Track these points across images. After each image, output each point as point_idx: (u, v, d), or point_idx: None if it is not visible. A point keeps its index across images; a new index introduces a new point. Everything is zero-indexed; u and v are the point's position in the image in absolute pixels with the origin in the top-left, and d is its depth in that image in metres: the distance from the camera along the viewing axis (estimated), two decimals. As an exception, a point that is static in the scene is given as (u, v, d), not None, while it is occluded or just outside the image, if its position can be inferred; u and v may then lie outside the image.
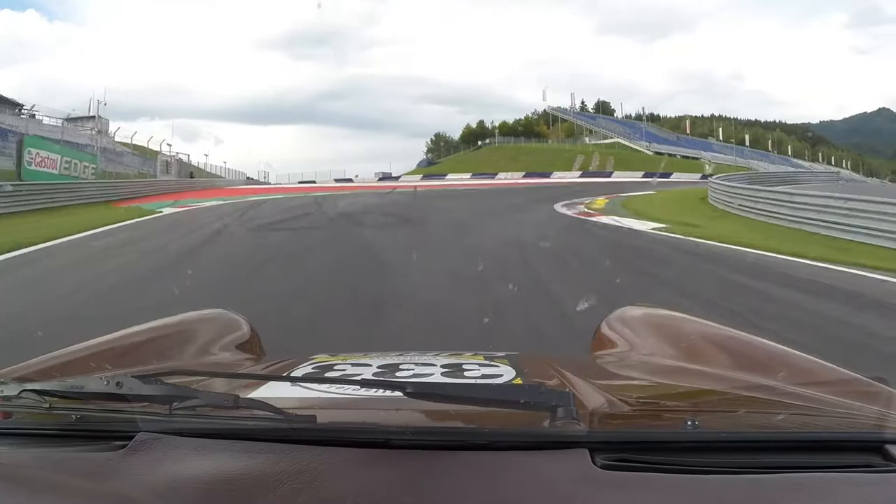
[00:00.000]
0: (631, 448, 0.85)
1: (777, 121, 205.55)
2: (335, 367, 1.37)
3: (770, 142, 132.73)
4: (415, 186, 39.00)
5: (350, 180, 62.96)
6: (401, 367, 1.35)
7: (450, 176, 67.31)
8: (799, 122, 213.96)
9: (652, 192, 28.33)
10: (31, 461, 0.90)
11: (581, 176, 61.25)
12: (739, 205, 18.58)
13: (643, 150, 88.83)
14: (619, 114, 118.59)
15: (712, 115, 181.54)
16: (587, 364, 1.63)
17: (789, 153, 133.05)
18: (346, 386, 1.14)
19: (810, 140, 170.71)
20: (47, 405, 0.94)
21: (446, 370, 1.33)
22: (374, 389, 1.06)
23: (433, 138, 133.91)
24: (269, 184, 60.98)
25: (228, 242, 12.86)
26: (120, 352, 1.52)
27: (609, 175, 60.23)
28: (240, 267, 9.66)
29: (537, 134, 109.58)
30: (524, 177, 60.84)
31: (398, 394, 0.92)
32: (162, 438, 0.89)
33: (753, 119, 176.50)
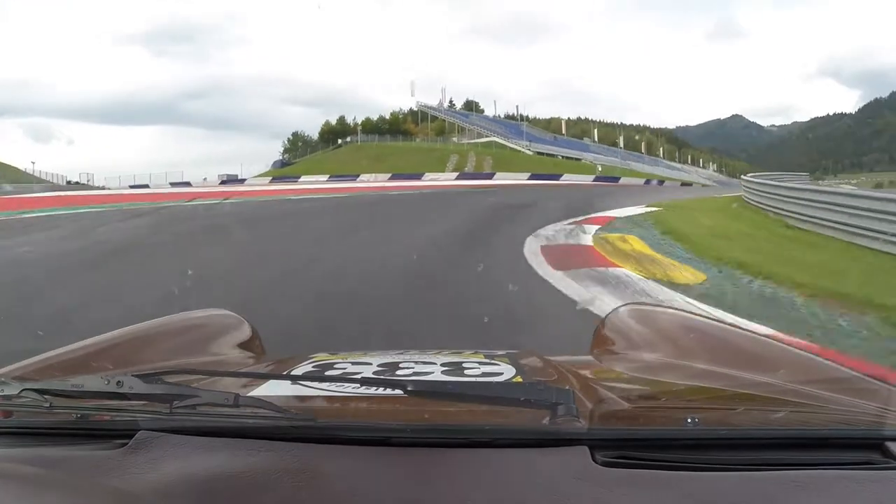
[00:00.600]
0: (631, 445, 0.86)
1: (640, 124, 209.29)
2: (335, 366, 1.37)
3: (643, 144, 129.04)
4: (226, 195, 26.71)
5: (189, 184, 56.02)
6: (401, 365, 1.36)
7: (304, 178, 60.54)
8: (656, 126, 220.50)
9: (658, 207, 18.61)
10: (31, 460, 0.90)
11: (458, 178, 54.31)
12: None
13: (523, 149, 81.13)
14: (490, 114, 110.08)
15: (579, 118, 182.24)
16: (587, 362, 1.61)
17: (661, 155, 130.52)
18: (347, 384, 1.13)
19: (676, 143, 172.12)
20: (48, 404, 0.94)
21: (446, 368, 1.33)
22: (375, 388, 1.05)
23: (290, 138, 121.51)
24: (96, 189, 53.79)
25: None
26: (120, 350, 1.53)
27: (490, 177, 52.23)
28: None
29: (404, 132, 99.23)
30: (390, 179, 53.50)
31: (398, 392, 0.92)
32: (162, 437, 0.90)
33: (618, 122, 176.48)
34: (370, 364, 1.37)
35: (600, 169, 63.75)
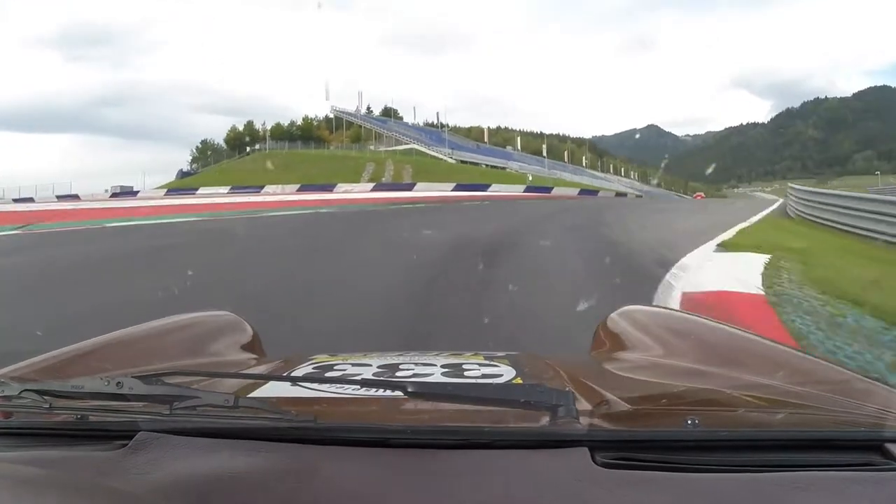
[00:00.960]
0: (631, 447, 0.87)
1: (559, 133, 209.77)
2: (335, 367, 1.39)
3: (565, 153, 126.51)
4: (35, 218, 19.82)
5: (77, 197, 51.16)
6: (401, 366, 1.37)
7: (203, 190, 54.83)
8: (574, 136, 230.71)
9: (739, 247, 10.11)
10: (31, 461, 0.90)
11: (374, 189, 48.43)
12: None
13: (445, 157, 75.63)
14: (410, 122, 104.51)
15: (499, 127, 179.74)
16: (587, 363, 1.66)
17: (584, 164, 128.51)
18: (347, 385, 1.15)
19: (596, 152, 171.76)
20: (48, 405, 0.95)
21: (446, 370, 1.34)
22: (375, 389, 1.07)
23: (199, 146, 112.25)
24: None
25: None
26: (120, 352, 1.55)
27: (410, 188, 46.00)
28: None
29: (318, 139, 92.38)
30: (298, 191, 47.95)
31: (398, 393, 0.94)
32: (162, 438, 0.90)
33: (539, 132, 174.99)
34: (370, 365, 1.39)
35: (531, 179, 59.07)
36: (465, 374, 1.32)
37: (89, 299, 6.68)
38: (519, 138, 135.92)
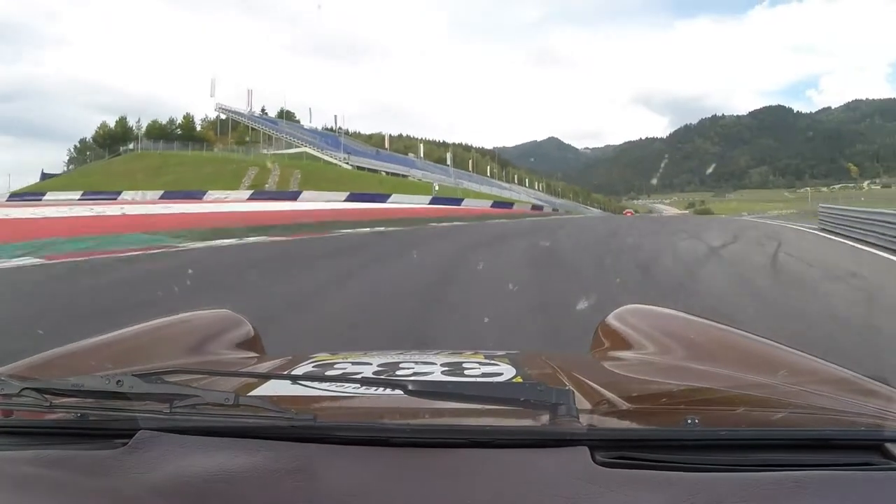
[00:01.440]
0: (631, 446, 0.88)
1: (462, 143, 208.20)
2: (335, 366, 1.41)
3: (470, 162, 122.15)
4: None
5: None
6: (401, 365, 1.39)
7: (50, 196, 48.49)
8: (476, 146, 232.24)
9: None
10: (31, 459, 0.91)
11: (251, 198, 41.29)
12: None
13: (340, 163, 68.79)
14: (308, 126, 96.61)
15: (401, 135, 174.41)
16: (587, 363, 1.67)
17: (489, 174, 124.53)
18: (347, 384, 1.16)
19: (500, 163, 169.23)
20: (48, 403, 0.95)
21: (446, 369, 1.36)
22: (375, 388, 1.08)
23: (77, 145, 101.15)
24: None
25: None
26: (120, 350, 1.57)
27: (295, 196, 38.55)
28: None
29: (201, 140, 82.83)
30: (161, 199, 41.84)
31: (398, 392, 0.94)
32: (162, 436, 0.91)
33: (441, 141, 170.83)
34: (370, 364, 1.40)
35: (437, 188, 52.75)
36: (466, 372, 1.33)
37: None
38: (422, 145, 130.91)
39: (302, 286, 8.52)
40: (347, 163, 74.33)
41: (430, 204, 43.45)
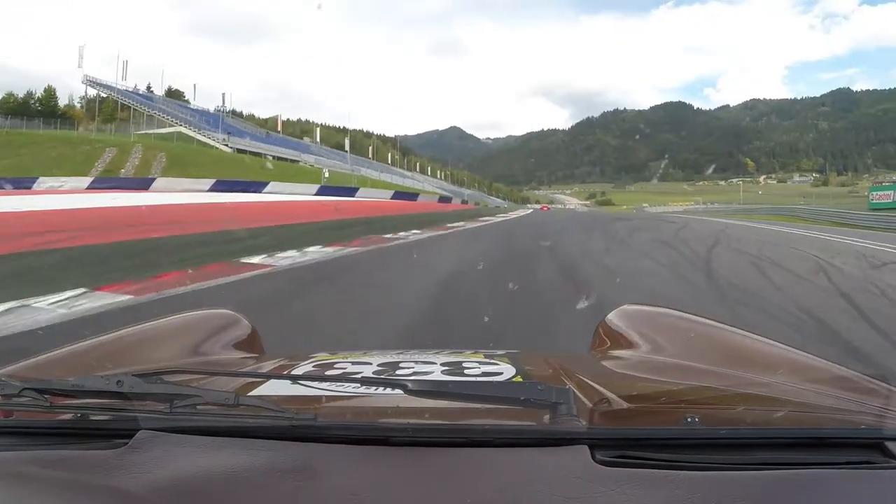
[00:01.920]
0: (630, 445, 0.88)
1: (363, 129, 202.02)
2: (335, 366, 1.40)
3: (370, 149, 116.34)
4: None
5: None
6: (401, 365, 1.39)
7: None
8: (376, 133, 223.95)
9: None
10: (31, 459, 0.92)
11: (91, 186, 33.48)
12: None
13: (217, 144, 59.37)
14: (199, 106, 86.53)
15: (300, 119, 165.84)
16: (587, 362, 1.67)
17: (390, 161, 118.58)
18: (347, 384, 1.16)
19: (401, 150, 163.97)
20: (48, 403, 0.96)
21: (446, 368, 1.35)
22: (375, 387, 1.08)
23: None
24: None
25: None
26: (120, 350, 1.56)
27: (147, 185, 29.93)
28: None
29: (67, 117, 71.79)
30: None
31: (398, 391, 0.95)
32: (162, 436, 0.92)
33: (341, 127, 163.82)
34: (370, 363, 1.40)
35: (327, 176, 45.68)
36: (466, 372, 1.33)
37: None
38: (318, 129, 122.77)
39: None
40: (226, 144, 65.61)
41: (316, 195, 34.90)
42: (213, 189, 32.42)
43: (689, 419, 0.88)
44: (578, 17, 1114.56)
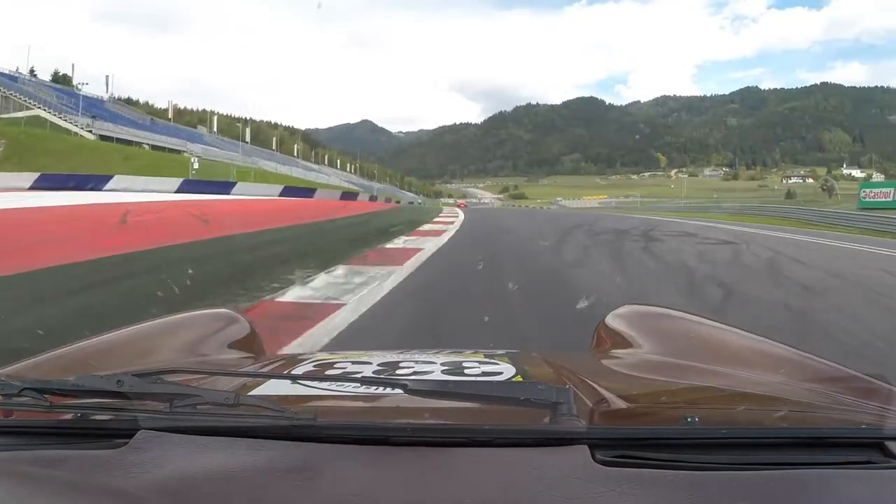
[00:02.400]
0: (630, 444, 0.88)
1: (269, 121, 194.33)
2: (335, 365, 1.40)
3: (275, 140, 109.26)
4: None
5: None
6: (401, 364, 1.39)
7: None
8: (286, 125, 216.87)
9: None
10: (31, 459, 0.92)
11: None
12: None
13: (78, 129, 50.22)
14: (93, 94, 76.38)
15: (200, 109, 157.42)
16: (587, 362, 1.67)
17: (296, 154, 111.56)
18: (347, 383, 1.16)
19: (309, 143, 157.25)
20: (48, 403, 0.96)
21: (446, 368, 1.35)
22: (375, 387, 1.08)
23: None
24: None
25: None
26: (120, 350, 1.56)
27: None
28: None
29: None
30: None
31: (398, 391, 0.95)
32: (162, 436, 0.92)
33: (248, 118, 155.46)
34: (370, 363, 1.40)
35: (196, 167, 37.45)
36: (466, 371, 1.33)
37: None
38: (216, 118, 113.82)
39: None
40: (90, 131, 56.94)
41: (177, 192, 27.39)
42: (34, 186, 24.82)
43: (688, 419, 0.89)
44: (493, 13, 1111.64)
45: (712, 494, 0.77)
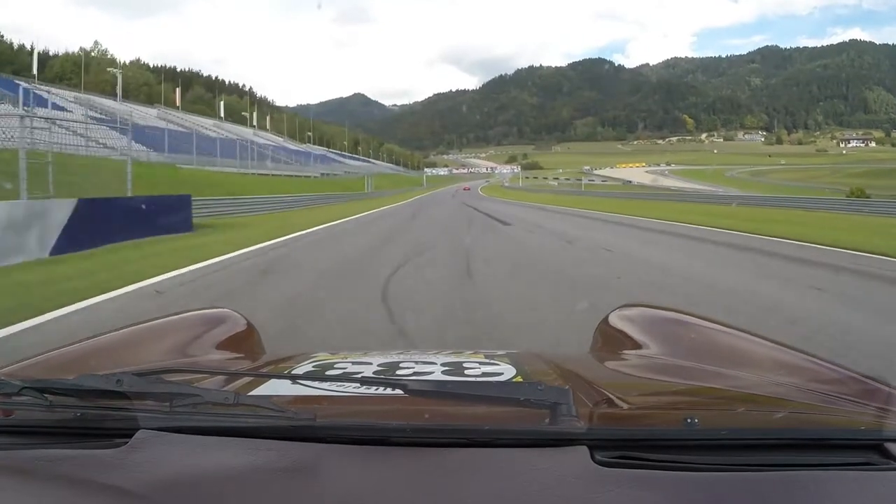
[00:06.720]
0: (630, 445, 0.89)
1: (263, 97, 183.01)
2: (335, 366, 1.43)
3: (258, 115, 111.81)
4: None
5: None
6: (401, 365, 1.42)
7: None
8: (277, 104, 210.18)
9: None
10: (31, 458, 0.93)
11: None
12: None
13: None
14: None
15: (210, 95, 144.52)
16: (587, 362, 1.70)
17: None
18: (347, 384, 1.17)
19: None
20: (48, 402, 0.97)
21: (446, 368, 1.39)
22: (375, 387, 1.10)
23: None
24: None
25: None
26: (120, 349, 1.61)
27: None
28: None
29: None
30: None
31: (398, 392, 0.97)
32: (162, 436, 0.93)
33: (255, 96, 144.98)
34: (370, 364, 1.43)
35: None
36: (466, 372, 1.35)
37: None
38: (179, 89, 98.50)
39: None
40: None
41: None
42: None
43: (689, 420, 0.89)
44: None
45: (712, 496, 0.78)
